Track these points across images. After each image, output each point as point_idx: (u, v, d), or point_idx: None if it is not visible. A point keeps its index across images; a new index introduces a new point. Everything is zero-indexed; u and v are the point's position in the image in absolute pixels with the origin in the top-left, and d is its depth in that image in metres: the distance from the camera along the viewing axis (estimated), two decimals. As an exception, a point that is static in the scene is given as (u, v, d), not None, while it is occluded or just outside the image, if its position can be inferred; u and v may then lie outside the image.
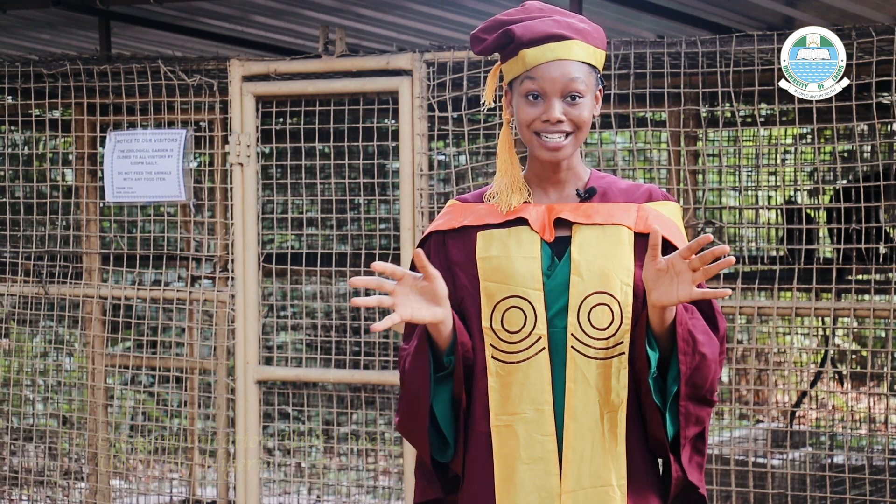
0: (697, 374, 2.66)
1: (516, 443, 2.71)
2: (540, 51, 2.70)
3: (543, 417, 2.70)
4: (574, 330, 2.70)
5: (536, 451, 2.70)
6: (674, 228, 2.76)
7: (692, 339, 2.64)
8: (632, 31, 6.79)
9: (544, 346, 2.71)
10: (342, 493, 5.98)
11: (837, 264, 4.99)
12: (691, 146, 5.49)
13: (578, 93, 2.70)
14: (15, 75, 5.77)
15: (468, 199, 2.86)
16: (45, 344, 6.34)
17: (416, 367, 2.72)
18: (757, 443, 7.13)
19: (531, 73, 2.70)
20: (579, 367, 2.70)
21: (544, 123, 2.69)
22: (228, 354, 5.66)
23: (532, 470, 2.70)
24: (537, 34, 2.71)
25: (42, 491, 6.56)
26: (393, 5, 6.32)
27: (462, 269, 2.78)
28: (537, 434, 2.70)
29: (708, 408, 2.72)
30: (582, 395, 2.70)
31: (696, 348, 2.65)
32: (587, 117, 2.71)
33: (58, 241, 5.85)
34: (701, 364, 2.66)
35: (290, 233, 7.23)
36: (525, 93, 2.71)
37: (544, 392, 2.70)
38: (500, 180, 2.81)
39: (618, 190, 2.79)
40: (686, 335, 2.64)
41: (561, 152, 2.71)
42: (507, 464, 2.71)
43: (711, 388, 2.69)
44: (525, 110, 2.71)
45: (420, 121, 5.09)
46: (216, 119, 5.62)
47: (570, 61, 2.70)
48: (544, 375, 2.70)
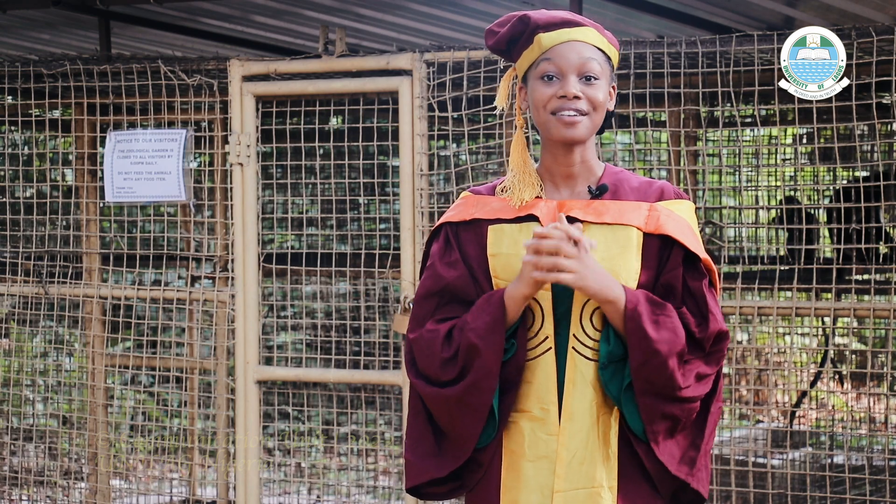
0: (650, 370, 2.65)
1: (522, 440, 2.72)
2: (556, 34, 2.74)
3: (548, 416, 2.71)
4: (576, 331, 2.71)
5: (541, 450, 2.71)
6: (686, 229, 2.75)
7: (643, 335, 2.63)
8: (632, 31, 6.79)
9: (551, 346, 2.72)
10: (342, 493, 5.98)
11: (837, 264, 4.99)
12: (691, 146, 5.49)
13: (594, 74, 2.72)
14: (15, 75, 5.77)
15: (481, 191, 2.87)
16: (45, 344, 6.34)
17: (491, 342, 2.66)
18: (757, 443, 7.13)
19: (547, 55, 2.73)
20: (579, 368, 2.71)
21: (560, 100, 2.70)
22: (228, 354, 5.66)
23: (536, 468, 2.71)
24: (553, 19, 2.75)
25: (42, 491, 6.56)
26: (393, 5, 6.32)
27: (476, 263, 2.79)
28: (542, 433, 2.71)
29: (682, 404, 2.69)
30: (580, 397, 2.70)
31: (648, 345, 2.64)
32: (602, 100, 2.73)
33: (58, 241, 5.85)
34: (653, 360, 2.64)
35: (290, 233, 7.23)
36: (541, 74, 2.74)
37: (549, 392, 2.71)
38: (512, 174, 2.83)
39: (630, 187, 2.79)
40: (635, 329, 2.64)
41: (576, 129, 2.71)
42: (513, 459, 2.73)
43: (674, 386, 2.66)
44: (541, 90, 2.73)
45: (420, 121, 5.09)
46: (216, 119, 5.63)
47: (585, 44, 2.74)
48: (550, 375, 2.71)
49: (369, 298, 6.64)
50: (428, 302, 2.78)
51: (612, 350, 2.68)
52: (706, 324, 2.71)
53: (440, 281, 2.78)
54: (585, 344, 2.71)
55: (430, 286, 2.78)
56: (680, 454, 2.74)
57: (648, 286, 2.72)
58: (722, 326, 2.74)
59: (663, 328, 2.66)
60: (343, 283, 7.79)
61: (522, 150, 2.84)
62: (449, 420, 2.73)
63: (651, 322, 2.65)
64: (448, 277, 2.77)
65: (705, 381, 2.72)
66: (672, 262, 2.73)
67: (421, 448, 2.79)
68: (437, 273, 2.77)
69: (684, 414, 2.71)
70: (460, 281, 2.76)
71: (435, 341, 2.72)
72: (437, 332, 2.73)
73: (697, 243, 2.75)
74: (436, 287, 2.77)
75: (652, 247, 2.72)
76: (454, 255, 2.79)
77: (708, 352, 2.73)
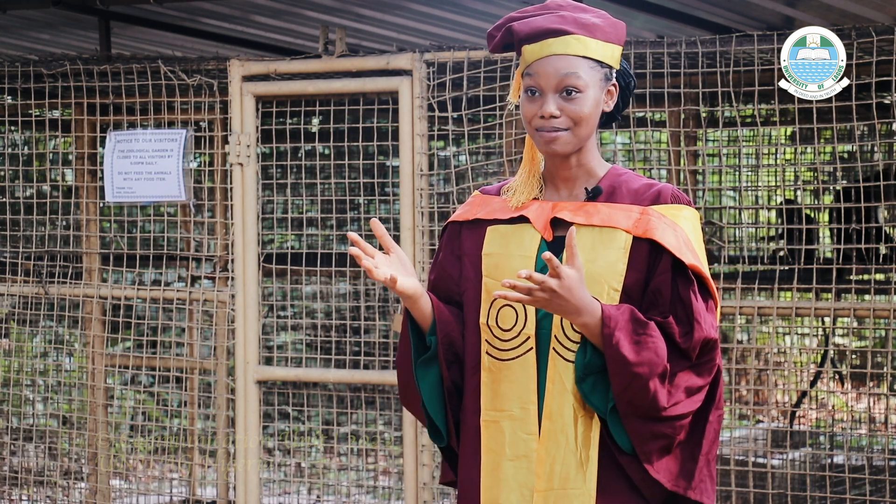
0: (632, 393, 2.62)
1: (503, 439, 2.74)
2: (537, 47, 2.71)
3: (528, 416, 2.72)
4: (557, 332, 2.71)
5: (520, 449, 2.73)
6: (679, 235, 2.71)
7: (622, 361, 2.61)
8: (632, 31, 6.78)
9: (532, 346, 2.73)
10: (342, 493, 5.98)
11: (837, 264, 4.99)
12: (691, 146, 5.49)
13: (575, 87, 2.69)
14: (15, 75, 5.77)
15: (490, 190, 2.90)
16: (45, 344, 6.34)
17: (402, 350, 2.81)
18: (757, 443, 7.13)
19: (529, 70, 2.72)
20: (558, 369, 2.71)
21: (541, 119, 2.71)
22: (228, 354, 5.66)
23: (515, 467, 2.72)
24: (534, 30, 2.71)
25: (42, 491, 6.56)
26: (393, 5, 6.32)
27: (470, 262, 2.82)
28: (522, 432, 2.72)
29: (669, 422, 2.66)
30: (559, 397, 2.70)
31: (628, 369, 2.61)
32: (586, 112, 2.70)
33: (58, 241, 5.85)
34: (634, 383, 2.61)
35: (290, 233, 7.23)
36: (526, 88, 2.74)
37: (530, 391, 2.72)
38: (519, 174, 2.86)
39: (628, 190, 2.76)
40: (614, 355, 2.61)
41: (557, 145, 2.71)
42: (493, 459, 2.75)
43: (658, 406, 2.63)
44: (525, 106, 2.74)
45: (420, 121, 5.09)
46: (216, 119, 5.63)
47: (565, 56, 2.70)
48: (530, 375, 2.72)
49: (369, 298, 6.63)
50: None
51: (590, 362, 2.67)
52: (691, 332, 2.67)
53: (426, 284, 2.91)
54: (566, 346, 2.70)
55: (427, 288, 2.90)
56: (677, 469, 2.70)
57: (636, 288, 2.70)
58: (709, 334, 2.69)
59: (644, 349, 2.62)
60: (343, 283, 7.78)
61: (532, 146, 2.85)
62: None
63: (631, 343, 2.61)
64: (430, 279, 2.89)
65: (697, 394, 2.68)
66: (661, 267, 2.70)
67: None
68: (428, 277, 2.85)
69: (675, 432, 2.67)
70: (440, 281, 2.87)
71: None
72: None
73: (688, 250, 2.70)
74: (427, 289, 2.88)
75: (641, 250, 2.70)
76: (441, 254, 2.87)
77: (696, 363, 2.69)
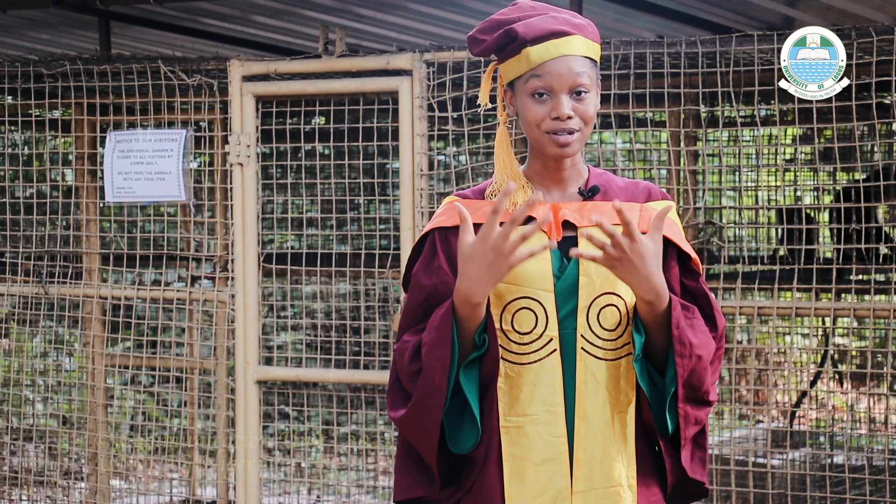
0: (694, 377, 2.66)
1: (527, 444, 2.69)
2: (545, 48, 2.68)
3: (555, 419, 2.68)
4: (584, 331, 2.69)
5: (548, 453, 2.69)
6: (676, 229, 2.77)
7: (688, 343, 2.64)
8: (632, 31, 6.79)
9: (556, 348, 2.69)
10: (342, 493, 5.98)
11: (837, 264, 4.99)
12: (691, 146, 5.49)
13: (585, 87, 2.68)
14: (15, 75, 5.77)
15: (468, 195, 2.83)
16: (45, 344, 6.34)
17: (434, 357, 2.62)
18: (757, 443, 7.13)
19: (537, 71, 2.68)
20: (590, 368, 2.69)
21: (555, 121, 2.67)
22: (228, 354, 5.66)
23: (543, 471, 2.68)
24: (541, 31, 2.69)
25: (42, 491, 6.56)
26: (393, 5, 6.32)
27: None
28: (549, 435, 2.69)
29: (706, 408, 2.72)
30: (593, 396, 2.69)
31: (692, 351, 2.64)
32: (593, 113, 2.71)
33: (58, 241, 5.85)
34: (697, 366, 2.65)
35: (290, 233, 7.23)
36: (531, 91, 2.69)
37: (556, 393, 2.69)
38: (501, 178, 2.79)
39: (617, 188, 2.78)
40: (682, 337, 2.63)
41: (570, 148, 2.70)
42: (517, 464, 2.70)
43: (707, 390, 2.69)
44: (533, 109, 2.69)
45: (420, 121, 5.09)
46: (216, 119, 5.63)
47: (574, 56, 2.69)
48: (556, 377, 2.69)
49: (369, 298, 6.64)
50: (410, 313, 2.74)
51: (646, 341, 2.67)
52: (714, 323, 2.73)
53: (421, 291, 2.74)
54: (595, 344, 2.70)
55: (412, 297, 2.75)
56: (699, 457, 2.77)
57: None
58: (725, 322, 2.76)
59: (699, 332, 2.67)
60: (343, 283, 7.79)
61: (507, 148, 2.81)
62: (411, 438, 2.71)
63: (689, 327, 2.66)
64: (427, 285, 2.73)
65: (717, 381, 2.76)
66: (668, 262, 2.73)
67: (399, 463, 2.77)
68: (419, 283, 2.73)
69: (705, 418, 2.73)
70: (441, 287, 2.71)
71: (405, 353, 2.69)
72: (409, 344, 2.69)
73: (686, 244, 2.78)
74: (417, 298, 2.74)
75: None
76: (437, 261, 2.74)
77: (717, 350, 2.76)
